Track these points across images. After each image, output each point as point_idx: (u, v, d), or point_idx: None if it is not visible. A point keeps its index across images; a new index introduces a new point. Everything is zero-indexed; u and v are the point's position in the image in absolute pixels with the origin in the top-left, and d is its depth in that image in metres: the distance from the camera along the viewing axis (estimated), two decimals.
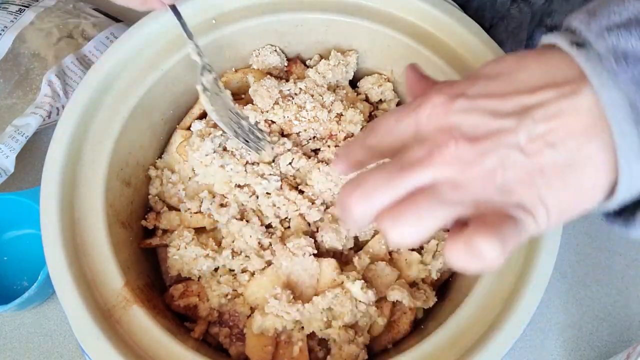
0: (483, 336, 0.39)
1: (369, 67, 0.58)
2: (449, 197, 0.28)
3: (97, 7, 0.72)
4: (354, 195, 0.29)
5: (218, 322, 0.47)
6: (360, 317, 0.44)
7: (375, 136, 0.32)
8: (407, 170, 0.28)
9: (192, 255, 0.47)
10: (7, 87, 0.61)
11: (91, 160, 0.46)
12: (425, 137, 0.29)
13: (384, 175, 0.29)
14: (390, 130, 0.31)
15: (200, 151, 0.49)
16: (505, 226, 0.27)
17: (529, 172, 0.27)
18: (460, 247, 0.26)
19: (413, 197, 0.28)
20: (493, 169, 0.27)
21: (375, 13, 0.53)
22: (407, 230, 0.28)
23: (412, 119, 0.30)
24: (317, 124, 0.52)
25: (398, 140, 0.31)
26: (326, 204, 0.50)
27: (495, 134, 0.27)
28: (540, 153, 0.27)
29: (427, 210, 0.27)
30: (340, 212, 0.30)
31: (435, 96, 0.30)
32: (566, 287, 0.60)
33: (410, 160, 0.29)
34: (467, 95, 0.29)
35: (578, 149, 0.27)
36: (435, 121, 0.29)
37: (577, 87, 0.27)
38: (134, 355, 0.39)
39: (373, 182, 0.29)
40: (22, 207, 0.55)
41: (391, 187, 0.29)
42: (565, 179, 0.27)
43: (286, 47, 0.57)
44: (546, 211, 0.28)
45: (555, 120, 0.27)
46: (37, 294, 0.52)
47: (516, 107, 0.28)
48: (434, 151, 0.28)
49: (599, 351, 0.57)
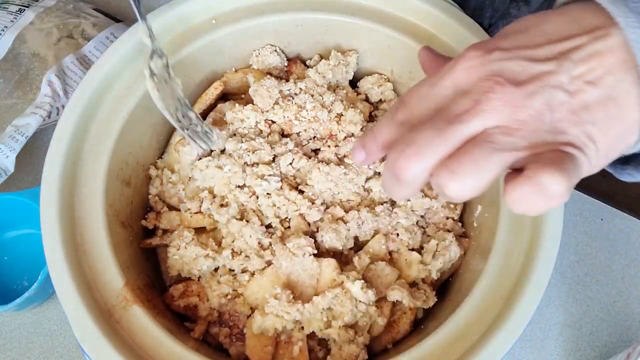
0: (483, 336, 0.39)
1: (369, 67, 0.58)
2: (503, 142, 0.28)
3: (97, 7, 0.72)
4: (405, 154, 0.29)
5: (218, 322, 0.47)
6: (360, 317, 0.44)
7: (406, 109, 0.32)
8: (456, 122, 0.28)
9: (192, 255, 0.47)
10: (7, 87, 0.61)
11: (91, 160, 0.46)
12: (468, 90, 0.29)
13: (433, 132, 0.29)
14: (424, 97, 0.31)
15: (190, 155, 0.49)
16: (565, 161, 0.27)
17: (574, 111, 0.28)
18: (525, 188, 0.27)
19: (467, 149, 0.28)
20: (541, 110, 0.28)
21: (375, 13, 0.53)
22: (467, 182, 0.28)
23: (448, 80, 0.30)
24: (317, 124, 0.52)
25: (434, 104, 0.31)
26: (326, 204, 0.50)
27: (538, 77, 0.28)
28: (583, 91, 0.28)
29: (484, 159, 0.28)
30: (389, 179, 0.30)
31: (470, 52, 0.30)
32: (566, 287, 0.60)
33: (457, 112, 0.29)
34: (502, 47, 0.30)
35: (616, 85, 0.28)
36: (475, 72, 0.29)
37: (607, 30, 0.28)
38: (134, 355, 0.39)
39: (424, 138, 0.29)
40: (22, 207, 0.55)
41: (443, 141, 0.28)
42: (608, 113, 0.28)
43: (286, 47, 0.57)
44: (595, 147, 0.29)
45: (592, 60, 0.28)
46: (37, 294, 0.52)
47: (553, 53, 0.29)
48: (481, 98, 0.28)
49: (599, 351, 0.57)
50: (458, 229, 0.50)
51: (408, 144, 0.29)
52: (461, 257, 0.49)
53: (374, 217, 0.48)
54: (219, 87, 0.55)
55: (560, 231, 0.41)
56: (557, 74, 0.28)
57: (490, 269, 0.42)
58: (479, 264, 0.44)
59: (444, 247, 0.48)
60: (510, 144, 0.28)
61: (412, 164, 0.29)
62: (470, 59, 0.30)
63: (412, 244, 0.48)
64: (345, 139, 0.52)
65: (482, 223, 0.48)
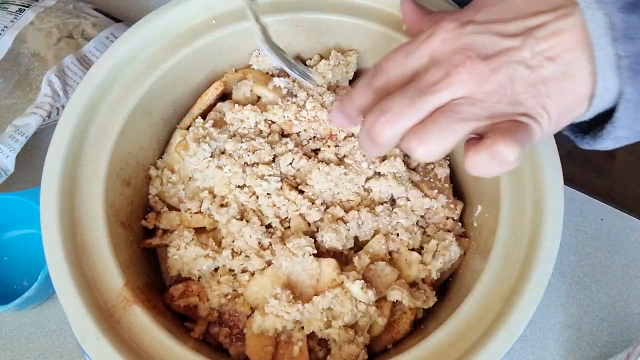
0: (483, 336, 0.39)
1: (369, 67, 0.58)
2: (467, 113, 0.31)
3: (97, 7, 0.72)
4: (380, 121, 0.32)
5: (218, 322, 0.47)
6: (360, 317, 0.45)
7: (382, 75, 0.34)
8: (427, 92, 0.31)
9: (192, 255, 0.47)
10: (7, 87, 0.61)
11: (91, 160, 0.46)
12: (441, 60, 0.31)
13: (406, 101, 0.31)
14: (400, 64, 0.33)
15: (197, 156, 0.49)
16: (519, 131, 0.30)
17: (533, 84, 0.31)
18: (482, 155, 0.30)
19: (434, 118, 0.31)
20: (504, 84, 0.30)
21: (375, 13, 0.53)
22: (433, 147, 0.31)
23: (425, 48, 0.32)
24: (317, 123, 0.52)
25: (410, 71, 0.33)
26: (326, 204, 0.50)
27: (504, 52, 0.31)
28: (542, 67, 0.31)
29: (449, 128, 0.30)
30: (365, 141, 0.33)
31: (447, 23, 0.32)
32: (566, 287, 0.60)
33: (429, 82, 0.31)
34: (476, 21, 0.32)
35: (572, 62, 0.31)
36: (450, 44, 0.32)
37: (571, 9, 0.31)
38: (134, 355, 0.39)
39: (397, 107, 0.32)
40: (22, 207, 0.55)
41: (414, 110, 0.31)
42: (563, 87, 0.31)
43: (286, 47, 0.57)
44: (548, 117, 0.32)
45: (554, 38, 0.31)
46: (37, 294, 0.52)
47: (520, 29, 0.31)
48: (452, 71, 0.31)
49: (599, 351, 0.57)
50: (458, 229, 0.50)
51: (383, 111, 0.32)
52: (461, 257, 0.49)
53: (374, 217, 0.48)
54: (219, 87, 0.55)
55: (560, 231, 0.41)
56: (522, 49, 0.31)
57: (490, 269, 0.42)
58: (479, 264, 0.44)
59: (444, 247, 0.48)
60: (473, 114, 0.31)
61: (385, 130, 0.32)
62: (446, 31, 0.32)
63: (412, 244, 0.49)
64: (346, 139, 0.52)
65: (482, 223, 0.48)
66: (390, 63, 0.34)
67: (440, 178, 0.52)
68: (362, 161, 0.50)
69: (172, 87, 0.52)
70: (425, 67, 0.32)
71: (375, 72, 0.35)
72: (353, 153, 0.51)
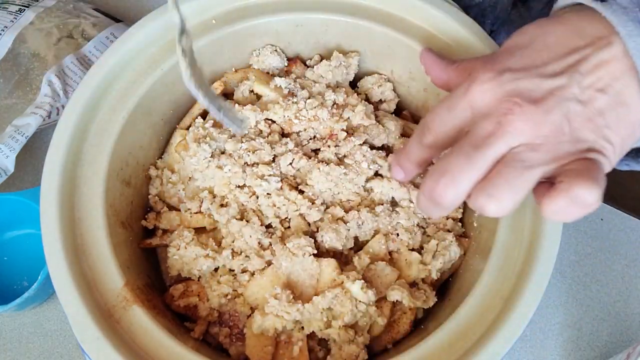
0: (483, 336, 0.39)
1: (369, 67, 0.58)
2: (531, 159, 0.30)
3: (97, 7, 0.72)
4: (441, 183, 0.31)
5: (218, 322, 0.47)
6: (360, 317, 0.44)
7: (430, 133, 0.34)
8: (483, 146, 0.30)
9: (192, 255, 0.47)
10: (7, 87, 0.61)
11: (91, 160, 0.46)
12: (487, 112, 0.31)
13: (463, 158, 0.31)
14: (444, 121, 0.33)
15: (197, 156, 0.49)
16: (592, 170, 0.29)
17: (590, 118, 0.30)
18: (560, 202, 0.29)
19: (499, 171, 0.30)
20: (560, 123, 0.30)
21: (375, 13, 0.53)
22: (504, 202, 0.30)
23: (465, 102, 0.32)
24: (317, 122, 0.52)
25: (456, 127, 0.33)
26: (326, 204, 0.50)
27: (552, 92, 0.30)
28: (595, 99, 0.30)
29: (517, 179, 0.29)
30: (427, 205, 0.32)
31: (482, 74, 0.31)
32: (566, 287, 0.60)
33: (482, 135, 0.30)
34: (512, 68, 0.31)
35: (622, 89, 0.30)
36: (492, 95, 0.31)
37: (609, 39, 0.30)
38: (134, 355, 0.39)
39: (455, 166, 0.31)
40: (22, 207, 0.55)
41: (473, 166, 0.30)
42: (619, 115, 0.31)
43: (286, 47, 0.57)
44: (612, 147, 0.31)
45: (599, 69, 0.30)
46: (37, 294, 0.52)
47: (562, 67, 0.31)
48: (502, 120, 0.30)
49: (599, 351, 0.57)
50: (458, 229, 0.50)
51: (442, 172, 0.31)
52: (461, 257, 0.49)
53: (374, 217, 0.48)
54: (219, 87, 0.55)
55: (560, 231, 0.41)
56: (569, 87, 0.30)
57: (490, 269, 0.42)
58: (479, 264, 0.44)
59: (444, 247, 0.48)
60: (538, 160, 0.30)
61: (448, 191, 0.31)
62: (483, 82, 0.31)
63: (412, 244, 0.49)
64: (346, 139, 0.52)
65: (482, 223, 0.48)
66: (435, 120, 0.34)
67: None
68: (362, 161, 0.50)
69: (172, 87, 0.52)
70: (471, 121, 0.32)
71: (422, 129, 0.34)
72: (353, 153, 0.51)
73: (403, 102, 0.58)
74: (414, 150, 0.36)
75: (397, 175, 0.38)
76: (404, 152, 0.37)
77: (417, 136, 0.35)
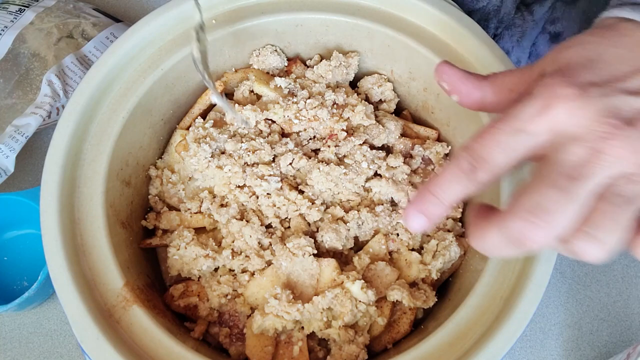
0: (483, 336, 0.39)
1: (369, 67, 0.58)
2: (631, 192, 0.25)
3: (97, 7, 0.72)
4: (532, 224, 0.25)
5: (218, 322, 0.47)
6: (360, 317, 0.45)
7: (486, 167, 0.27)
8: (580, 177, 0.25)
9: (192, 255, 0.47)
10: (7, 87, 0.61)
11: (91, 160, 0.46)
12: (577, 136, 0.26)
13: (557, 192, 0.25)
14: (508, 150, 0.27)
15: (197, 156, 0.49)
16: None
17: None
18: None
19: (600, 208, 0.26)
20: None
21: (375, 13, 0.53)
22: (608, 245, 0.26)
23: (543, 124, 0.27)
24: (317, 122, 0.52)
25: (523, 156, 0.27)
26: (326, 204, 0.50)
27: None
28: None
29: (621, 217, 0.25)
30: (505, 247, 0.27)
31: (559, 89, 0.27)
32: (566, 287, 0.60)
33: (575, 164, 0.26)
34: (596, 82, 0.27)
35: None
36: (583, 114, 0.26)
37: None
38: (134, 355, 0.39)
39: (550, 202, 0.25)
40: (22, 207, 0.55)
41: (571, 202, 0.25)
42: None
43: (286, 47, 0.57)
44: None
45: None
46: (37, 294, 0.52)
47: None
48: (601, 145, 0.25)
49: (599, 351, 0.57)
50: (458, 229, 0.50)
51: (531, 210, 0.26)
52: (461, 257, 0.49)
53: (374, 217, 0.48)
54: (219, 87, 0.55)
55: None
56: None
57: (490, 269, 0.42)
58: (479, 264, 0.44)
59: (444, 247, 0.48)
60: (637, 193, 0.25)
61: (540, 233, 0.25)
62: (568, 98, 0.26)
63: (412, 244, 0.49)
64: (346, 139, 0.52)
65: None
66: (493, 149, 0.27)
67: None
68: (362, 161, 0.50)
69: (172, 87, 0.52)
70: (551, 147, 0.27)
71: (469, 161, 0.27)
72: (353, 153, 0.51)
73: (403, 102, 0.58)
74: (453, 191, 0.28)
75: (417, 226, 0.29)
76: (429, 194, 0.29)
77: (459, 171, 0.28)
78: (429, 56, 0.50)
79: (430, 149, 0.53)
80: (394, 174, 0.50)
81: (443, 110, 0.54)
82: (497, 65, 0.47)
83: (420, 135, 0.56)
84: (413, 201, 0.29)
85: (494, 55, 0.48)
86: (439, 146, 0.53)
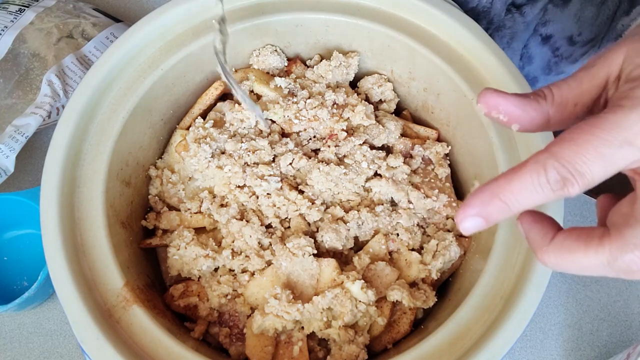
0: (483, 336, 0.39)
1: (369, 67, 0.58)
2: None
3: (97, 7, 0.72)
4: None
5: (218, 322, 0.47)
6: (360, 317, 0.45)
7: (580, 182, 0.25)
8: None
9: (192, 255, 0.47)
10: (7, 87, 0.61)
11: (91, 160, 0.46)
12: None
13: None
14: (609, 161, 0.24)
15: (197, 156, 0.49)
16: None
17: None
18: None
19: None
20: None
21: (375, 13, 0.53)
22: None
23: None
24: (317, 122, 0.52)
25: (623, 169, 0.25)
26: (326, 204, 0.50)
27: None
28: None
29: None
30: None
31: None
32: (566, 287, 0.60)
33: None
34: None
35: None
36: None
37: None
38: (134, 355, 0.39)
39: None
40: (22, 207, 0.55)
41: None
42: None
43: (286, 47, 0.57)
44: None
45: None
46: (37, 294, 0.52)
47: None
48: None
49: (599, 351, 0.57)
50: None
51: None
52: (461, 257, 0.49)
53: (374, 217, 0.48)
54: (219, 87, 0.55)
55: None
56: None
57: (490, 269, 0.42)
58: (479, 264, 0.44)
59: (444, 247, 0.48)
60: None
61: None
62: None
63: (412, 244, 0.49)
64: (346, 139, 0.52)
65: None
66: (594, 161, 0.25)
67: (440, 178, 0.52)
68: (362, 161, 0.50)
69: (172, 87, 0.52)
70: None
71: (566, 172, 0.24)
72: (353, 153, 0.51)
73: (403, 102, 0.58)
74: (529, 201, 0.26)
75: (475, 228, 0.27)
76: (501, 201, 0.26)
77: (543, 181, 0.25)
78: (429, 56, 0.50)
79: (430, 149, 0.53)
80: (394, 174, 0.50)
81: (443, 110, 0.54)
82: (497, 65, 0.47)
83: (420, 135, 0.56)
84: (472, 203, 0.27)
85: (494, 55, 0.48)
86: (439, 146, 0.53)
